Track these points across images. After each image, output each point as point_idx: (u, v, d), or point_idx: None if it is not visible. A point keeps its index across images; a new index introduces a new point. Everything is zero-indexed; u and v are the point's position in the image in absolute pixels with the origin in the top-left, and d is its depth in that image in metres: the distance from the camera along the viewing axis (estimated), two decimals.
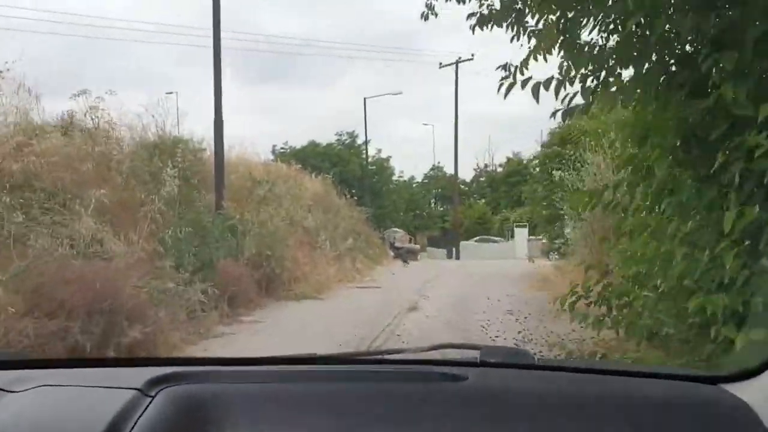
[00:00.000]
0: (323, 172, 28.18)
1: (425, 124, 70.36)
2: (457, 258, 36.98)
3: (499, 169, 65.29)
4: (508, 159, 64.59)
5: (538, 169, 29.78)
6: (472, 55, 40.32)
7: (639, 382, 1.56)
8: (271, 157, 43.36)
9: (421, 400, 1.44)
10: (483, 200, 59.76)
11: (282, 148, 45.12)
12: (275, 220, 16.34)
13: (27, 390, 1.47)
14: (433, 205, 68.52)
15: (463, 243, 38.28)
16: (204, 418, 1.38)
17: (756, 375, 1.44)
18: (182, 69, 65.83)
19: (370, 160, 48.40)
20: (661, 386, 1.51)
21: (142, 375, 1.46)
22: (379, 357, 1.90)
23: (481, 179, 70.33)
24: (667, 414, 1.39)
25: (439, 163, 70.22)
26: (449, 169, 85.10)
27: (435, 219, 60.98)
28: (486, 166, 71.85)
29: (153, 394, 1.40)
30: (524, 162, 64.03)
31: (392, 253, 30.44)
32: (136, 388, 1.41)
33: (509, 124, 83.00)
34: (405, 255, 30.21)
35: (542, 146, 26.72)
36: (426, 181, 69.12)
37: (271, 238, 15.02)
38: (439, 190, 67.17)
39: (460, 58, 39.56)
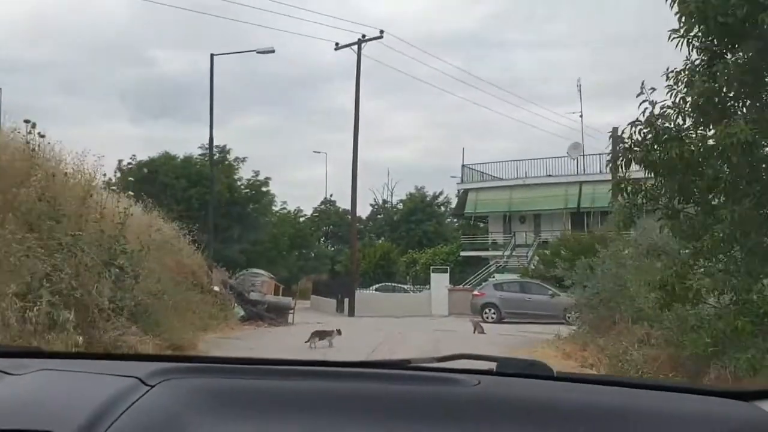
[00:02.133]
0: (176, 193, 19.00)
1: (317, 152, 63.32)
2: (351, 313, 28.13)
3: (400, 206, 58.96)
4: (410, 194, 58.78)
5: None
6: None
7: (666, 397, 1.49)
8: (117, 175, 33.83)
9: (433, 404, 1.41)
10: (381, 240, 51.86)
11: (129, 163, 35.06)
12: None
13: (26, 373, 1.52)
14: (323, 243, 60.62)
15: (359, 293, 29.44)
16: (203, 411, 1.36)
17: None
18: None
19: (245, 182, 39.08)
20: (690, 401, 1.46)
21: (144, 367, 1.49)
22: (393, 363, 1.81)
23: (379, 216, 64.35)
24: (695, 429, 1.33)
25: (331, 196, 63.47)
26: (343, 204, 78.24)
27: (324, 260, 52.58)
28: (385, 202, 66.34)
29: (153, 384, 1.41)
30: (428, 198, 58.98)
31: (240, 313, 18.65)
32: (136, 377, 1.42)
33: (412, 160, 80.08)
34: (265, 314, 19.52)
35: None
36: (316, 215, 61.38)
37: None
38: (331, 227, 59.80)
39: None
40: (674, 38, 6.94)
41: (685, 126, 7.06)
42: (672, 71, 7.08)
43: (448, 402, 1.41)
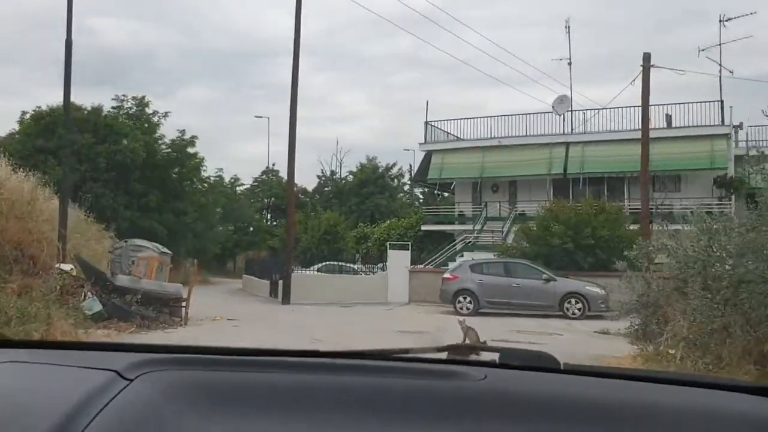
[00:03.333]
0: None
1: (258, 117, 57.41)
2: (286, 300, 22.11)
3: (350, 178, 53.37)
4: (361, 165, 53.14)
5: None
6: None
7: (680, 390, 1.46)
8: None
9: (435, 397, 1.35)
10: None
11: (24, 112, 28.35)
12: None
13: None
14: (263, 216, 54.37)
15: (297, 274, 23.44)
16: (185, 404, 1.30)
17: None
18: None
19: (169, 141, 32.72)
20: (705, 395, 1.43)
21: (122, 359, 1.43)
22: (391, 353, 1.66)
23: (327, 189, 58.64)
24: (709, 423, 1.30)
25: (273, 165, 57.47)
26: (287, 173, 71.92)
27: (263, 235, 46.29)
28: (333, 173, 60.61)
29: (132, 377, 1.35)
30: (381, 169, 53.61)
31: (94, 308, 11.60)
32: (113, 370, 1.36)
33: (366, 139, 77.75)
34: (135, 308, 12.59)
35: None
36: (256, 185, 55.02)
37: None
38: (272, 198, 53.61)
39: None
40: None
41: None
42: None
43: (456, 396, 1.36)
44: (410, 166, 53.73)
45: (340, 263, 26.01)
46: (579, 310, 18.62)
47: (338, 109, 78.40)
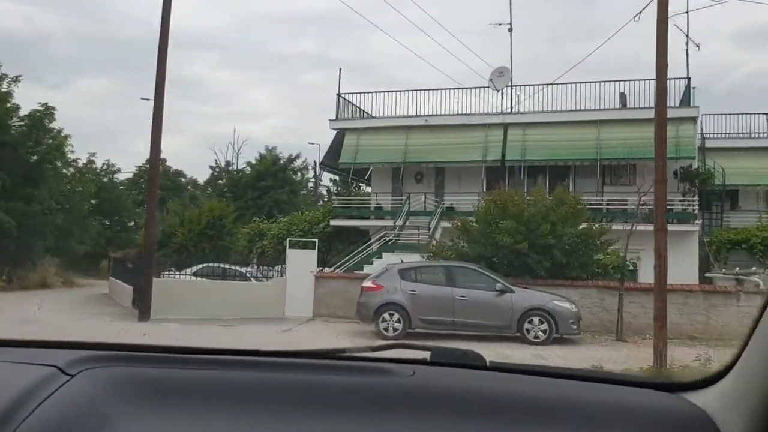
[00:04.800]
0: None
1: (145, 99, 50.24)
2: (145, 314, 16.33)
3: (248, 170, 47.77)
4: (260, 156, 47.69)
5: None
6: None
7: (596, 387, 1.51)
8: None
9: (368, 395, 1.38)
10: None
11: None
12: None
13: None
14: (145, 209, 47.49)
15: (162, 280, 17.71)
16: (126, 400, 1.31)
17: (713, 383, 1.40)
18: None
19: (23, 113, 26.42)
20: (618, 392, 1.47)
21: (64, 355, 1.42)
22: (327, 352, 1.70)
23: (220, 181, 52.86)
24: (622, 419, 1.34)
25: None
26: (177, 163, 65.90)
27: (141, 232, 39.56)
28: (228, 164, 54.75)
29: (74, 373, 1.34)
30: (282, 161, 48.26)
31: None
32: (54, 366, 1.35)
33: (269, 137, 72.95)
34: None
35: None
36: (138, 174, 48.32)
37: None
38: (158, 190, 46.94)
39: None
40: None
41: None
42: None
43: (383, 392, 1.39)
44: (314, 162, 48.60)
45: (225, 265, 20.32)
46: (544, 332, 13.95)
47: (244, 107, 72.83)
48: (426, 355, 1.57)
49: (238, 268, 20.67)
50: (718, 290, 15.77)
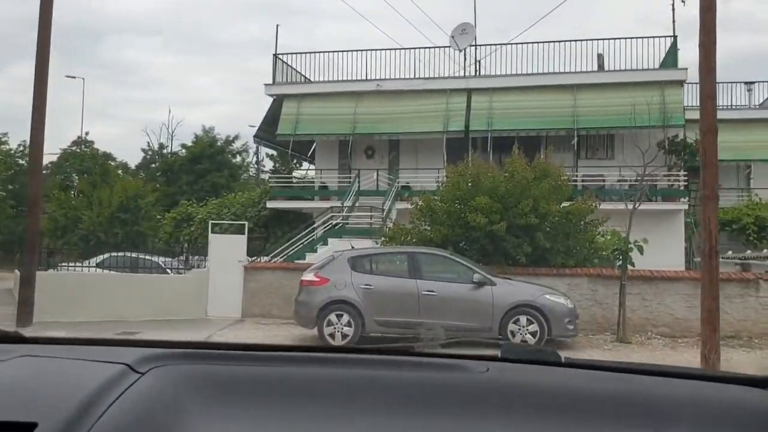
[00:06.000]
0: None
1: (70, 77, 45.53)
2: (25, 317, 12.74)
3: (183, 152, 44.06)
4: (196, 137, 43.99)
5: None
6: None
7: (679, 384, 1.47)
8: None
9: (438, 390, 1.38)
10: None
11: None
12: None
13: (7, 360, 1.43)
14: (73, 195, 43.29)
15: (47, 276, 14.12)
16: (196, 397, 1.31)
17: None
18: None
19: None
20: (704, 388, 1.44)
21: (133, 353, 1.43)
22: (397, 349, 1.74)
23: (153, 165, 48.89)
24: (709, 415, 1.31)
25: (87, 135, 47.74)
26: (105, 145, 61.76)
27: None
28: (162, 146, 50.72)
29: (144, 371, 1.35)
30: (220, 143, 44.49)
31: None
32: (125, 363, 1.36)
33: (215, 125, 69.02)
34: None
35: None
36: (63, 158, 44.28)
37: None
38: (85, 175, 42.78)
39: None
40: None
41: None
42: None
43: (458, 389, 1.38)
44: (246, 147, 44.98)
45: (139, 255, 16.76)
46: (533, 335, 10.97)
47: (190, 93, 68.40)
48: (497, 351, 1.55)
49: (152, 258, 17.11)
50: (733, 278, 13.10)
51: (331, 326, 11.11)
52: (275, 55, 21.47)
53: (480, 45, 20.86)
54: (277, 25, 24.06)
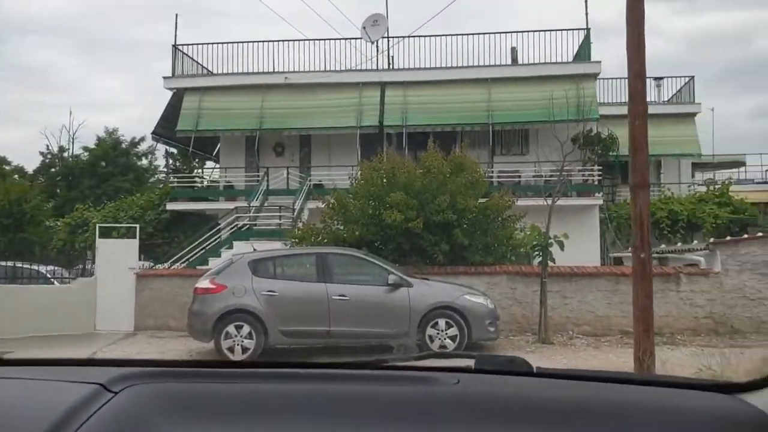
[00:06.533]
0: None
1: None
2: None
3: (85, 156, 41.46)
4: (99, 139, 41.37)
5: None
6: None
7: (650, 391, 1.47)
8: None
9: (409, 404, 1.37)
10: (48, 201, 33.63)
11: None
12: None
13: None
14: None
15: None
16: (171, 417, 1.30)
17: None
18: None
19: None
20: (672, 395, 1.44)
21: (106, 373, 1.42)
22: (368, 363, 1.75)
23: (53, 169, 45.85)
24: (678, 422, 1.32)
25: None
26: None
27: None
28: (62, 149, 47.60)
29: (117, 390, 1.35)
30: (125, 145, 42.08)
31: None
32: (98, 383, 1.36)
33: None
34: None
35: None
36: None
37: None
38: None
39: None
40: None
41: None
42: None
43: (428, 402, 1.37)
44: (153, 149, 42.63)
45: (23, 264, 14.98)
46: (453, 339, 10.16)
47: (94, 95, 64.55)
48: (470, 362, 1.53)
49: (36, 267, 15.35)
50: (654, 273, 12.69)
51: (229, 339, 9.92)
52: (174, 46, 19.95)
53: (393, 37, 20.07)
54: (177, 14, 22.33)
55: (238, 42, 20.36)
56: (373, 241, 13.12)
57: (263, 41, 20.07)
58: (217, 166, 22.88)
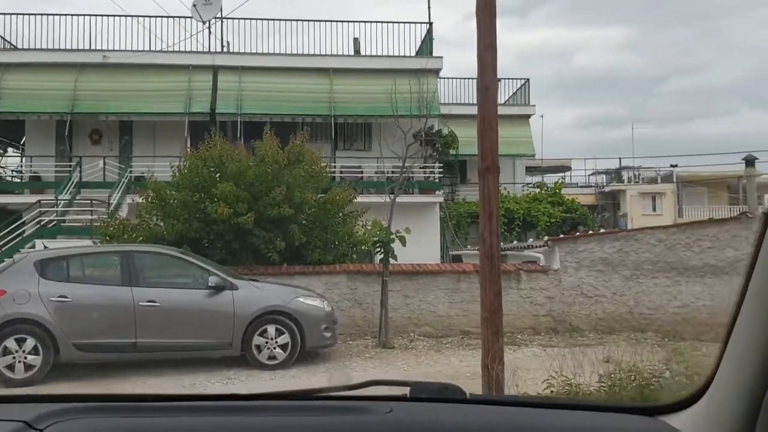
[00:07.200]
0: None
1: None
2: None
3: None
4: None
5: None
6: None
7: (577, 414, 1.51)
8: None
9: None
10: None
11: None
12: None
13: None
14: None
15: None
16: None
17: (689, 406, 1.40)
18: None
19: None
20: (600, 418, 1.48)
21: (31, 410, 1.37)
22: (301, 393, 1.70)
23: None
24: None
25: None
26: None
27: None
28: None
29: (43, 427, 1.30)
30: None
31: None
32: (22, 421, 1.31)
33: None
34: None
35: None
36: None
37: None
38: None
39: None
40: None
41: None
42: None
43: (362, 431, 1.35)
44: None
45: None
46: (284, 348, 9.03)
47: None
48: (405, 390, 1.52)
49: None
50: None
51: (9, 355, 8.11)
52: None
53: (227, 18, 18.56)
54: None
55: (48, 14, 17.92)
56: (198, 239, 11.67)
57: (78, 15, 17.79)
58: (22, 153, 20.08)
